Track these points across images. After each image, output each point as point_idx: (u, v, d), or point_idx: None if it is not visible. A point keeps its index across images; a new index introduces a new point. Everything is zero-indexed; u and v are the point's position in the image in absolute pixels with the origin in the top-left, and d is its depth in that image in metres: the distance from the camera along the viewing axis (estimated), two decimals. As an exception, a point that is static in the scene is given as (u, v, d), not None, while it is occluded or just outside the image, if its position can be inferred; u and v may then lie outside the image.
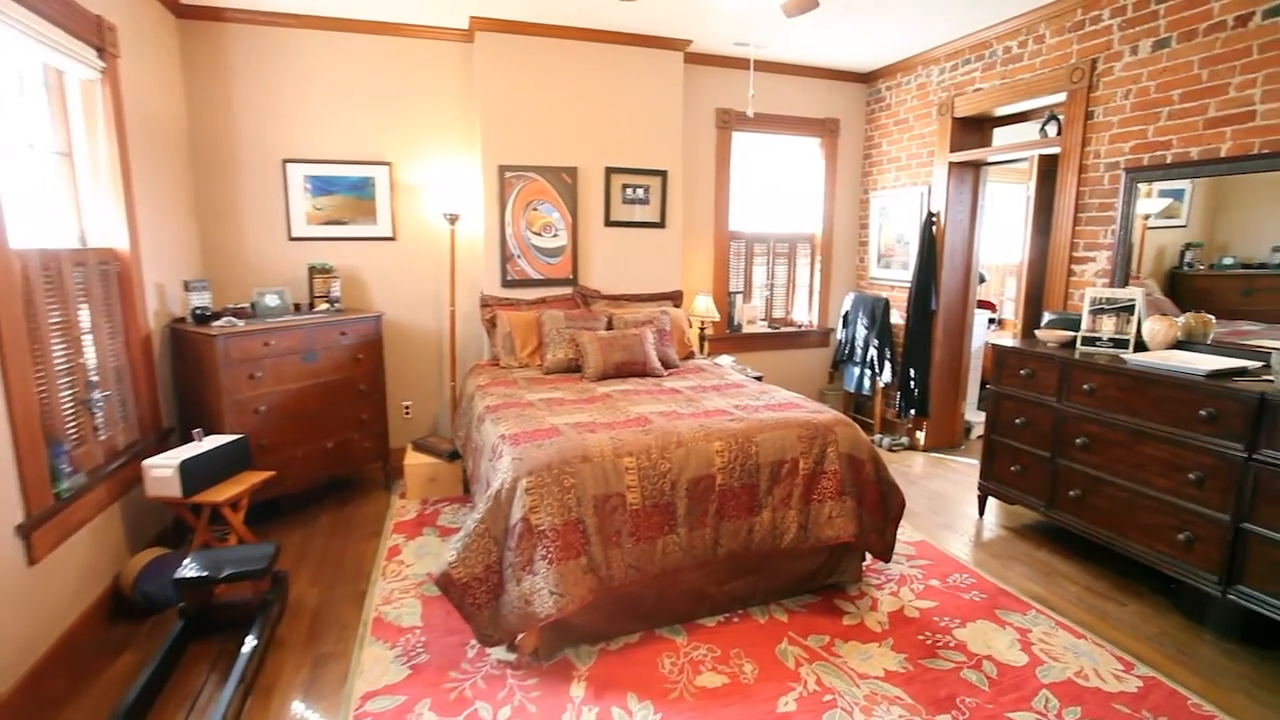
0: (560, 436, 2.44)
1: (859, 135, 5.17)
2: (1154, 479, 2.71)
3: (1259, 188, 2.81)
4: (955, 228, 4.45)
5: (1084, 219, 3.50)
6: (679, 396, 3.10)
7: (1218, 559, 2.51)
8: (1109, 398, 2.86)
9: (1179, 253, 3.15)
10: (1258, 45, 2.77)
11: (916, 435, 4.71)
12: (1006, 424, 3.35)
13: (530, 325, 3.93)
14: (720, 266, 4.93)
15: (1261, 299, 2.76)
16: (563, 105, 4.17)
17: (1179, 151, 3.05)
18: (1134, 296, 3.11)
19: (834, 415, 2.77)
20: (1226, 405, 2.46)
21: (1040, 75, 3.66)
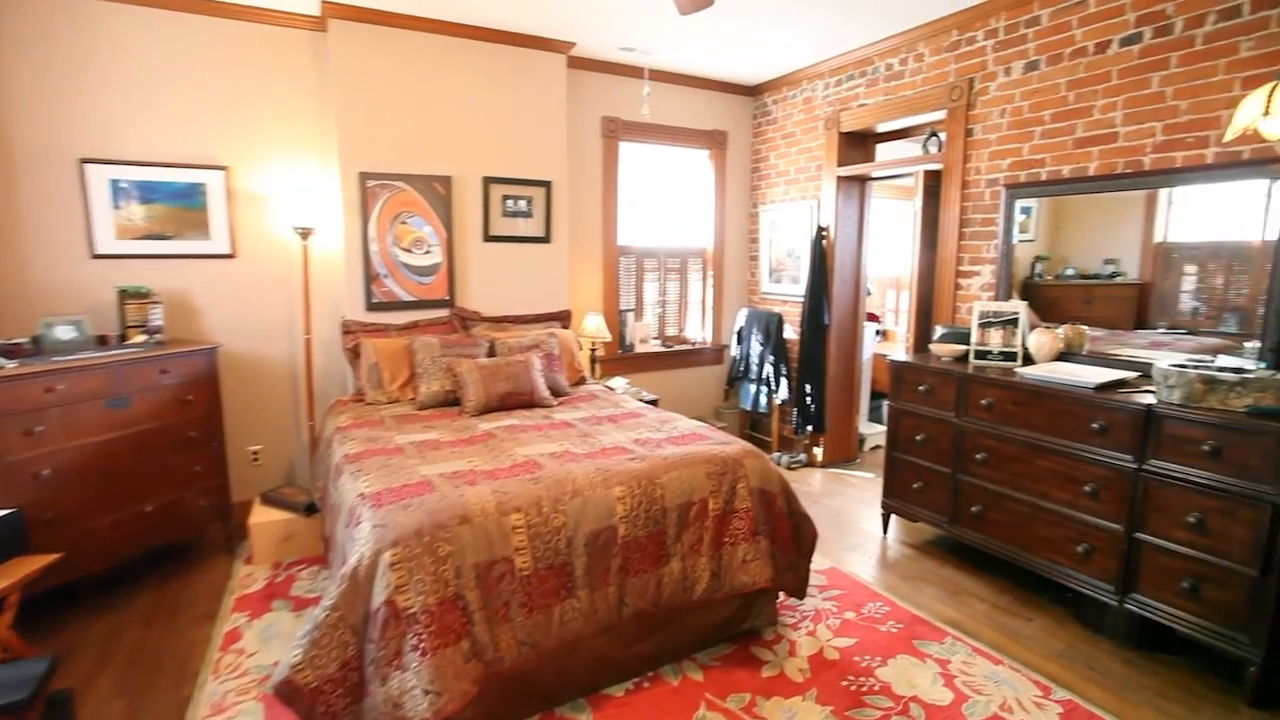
0: (433, 493, 2.05)
1: (747, 148, 5.11)
2: (1052, 492, 2.72)
3: (1091, 206, 2.99)
4: (844, 242, 4.46)
5: (968, 234, 3.56)
6: (572, 432, 2.78)
7: (1114, 569, 2.53)
8: (1006, 412, 2.86)
9: (1030, 264, 3.27)
10: (1116, 71, 2.89)
11: (814, 451, 4.66)
12: (907, 440, 3.31)
13: (400, 354, 3.47)
14: (610, 283, 4.67)
15: (1099, 306, 2.95)
16: (434, 108, 3.76)
17: (1052, 169, 3.14)
18: (1018, 310, 3.16)
19: (741, 446, 2.56)
20: (1117, 417, 2.49)
21: (922, 92, 3.71)
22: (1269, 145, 2.47)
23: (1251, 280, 2.56)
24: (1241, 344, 2.60)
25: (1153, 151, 2.79)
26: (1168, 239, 2.80)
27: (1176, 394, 2.36)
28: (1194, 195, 2.72)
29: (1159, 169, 2.77)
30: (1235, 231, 2.59)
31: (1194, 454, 2.30)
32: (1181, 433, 2.33)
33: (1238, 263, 2.60)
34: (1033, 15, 3.16)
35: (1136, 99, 2.82)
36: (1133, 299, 2.89)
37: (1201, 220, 2.70)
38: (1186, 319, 2.72)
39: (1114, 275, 2.95)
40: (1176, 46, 2.70)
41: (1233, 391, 2.26)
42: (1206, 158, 2.65)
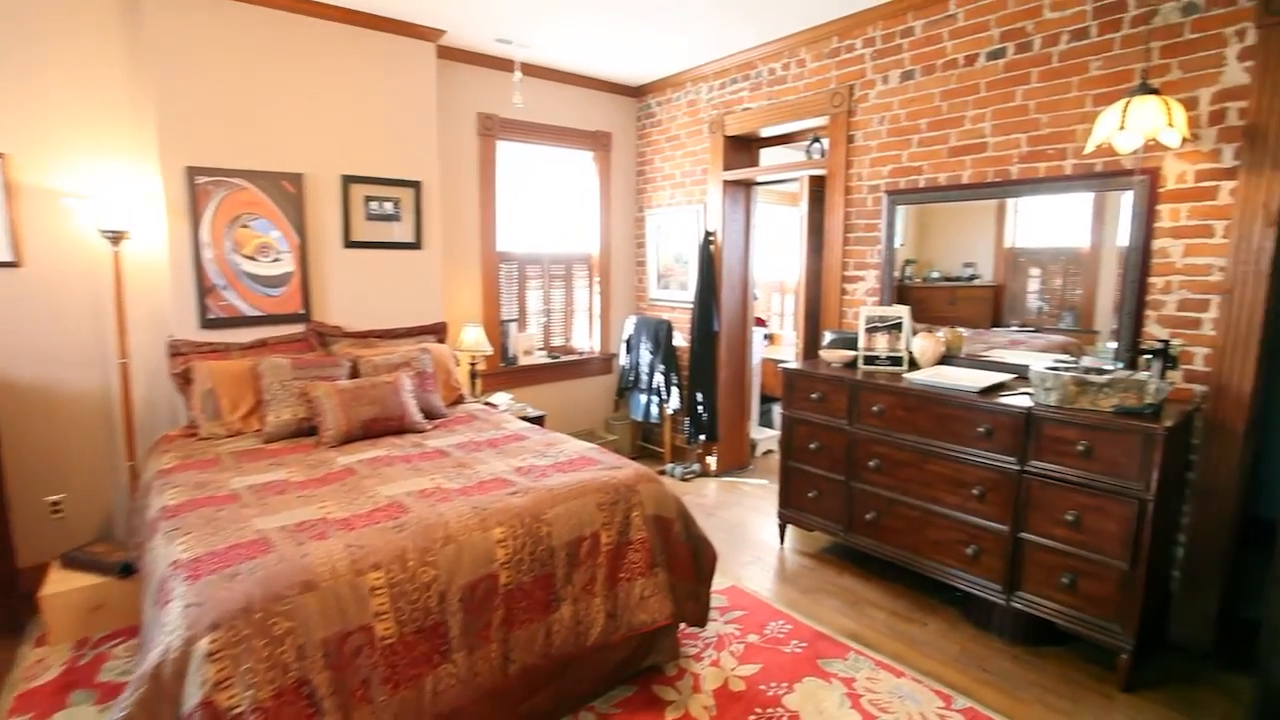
0: (270, 554, 1.69)
1: (632, 150, 4.97)
2: (943, 496, 2.74)
3: (952, 213, 3.15)
4: (732, 247, 4.41)
5: (853, 239, 3.59)
6: (446, 462, 2.47)
7: (1001, 569, 2.58)
8: (897, 418, 2.86)
9: (901, 268, 3.37)
10: (985, 83, 2.98)
11: (708, 461, 4.58)
12: (801, 449, 3.27)
13: (243, 378, 2.99)
14: (490, 292, 4.36)
15: (962, 307, 3.12)
16: (282, 95, 3.29)
17: (930, 177, 3.21)
18: (901, 314, 3.20)
19: (635, 470, 2.37)
20: (1000, 420, 2.54)
21: (804, 98, 3.71)
22: (1118, 159, 2.62)
23: (1084, 282, 2.80)
24: (1082, 341, 2.82)
25: (1019, 162, 2.90)
26: (1016, 244, 2.98)
27: (1053, 396, 2.42)
28: (1036, 204, 2.91)
29: (1025, 179, 2.88)
30: (1069, 238, 2.82)
31: (1070, 454, 2.37)
32: (1058, 434, 2.39)
33: (1072, 266, 2.82)
34: (907, 26, 3.22)
35: (1003, 111, 2.92)
36: (989, 299, 3.06)
37: (1042, 227, 2.91)
38: (1034, 317, 2.93)
39: (973, 278, 3.12)
40: (1036, 63, 2.82)
41: (1101, 392, 2.35)
42: (1065, 169, 2.77)
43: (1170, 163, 2.52)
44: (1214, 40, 2.40)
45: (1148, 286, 2.62)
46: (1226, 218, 2.42)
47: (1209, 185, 2.46)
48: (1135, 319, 2.65)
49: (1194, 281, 2.52)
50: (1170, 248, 2.56)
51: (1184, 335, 2.56)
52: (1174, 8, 2.47)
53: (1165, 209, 2.55)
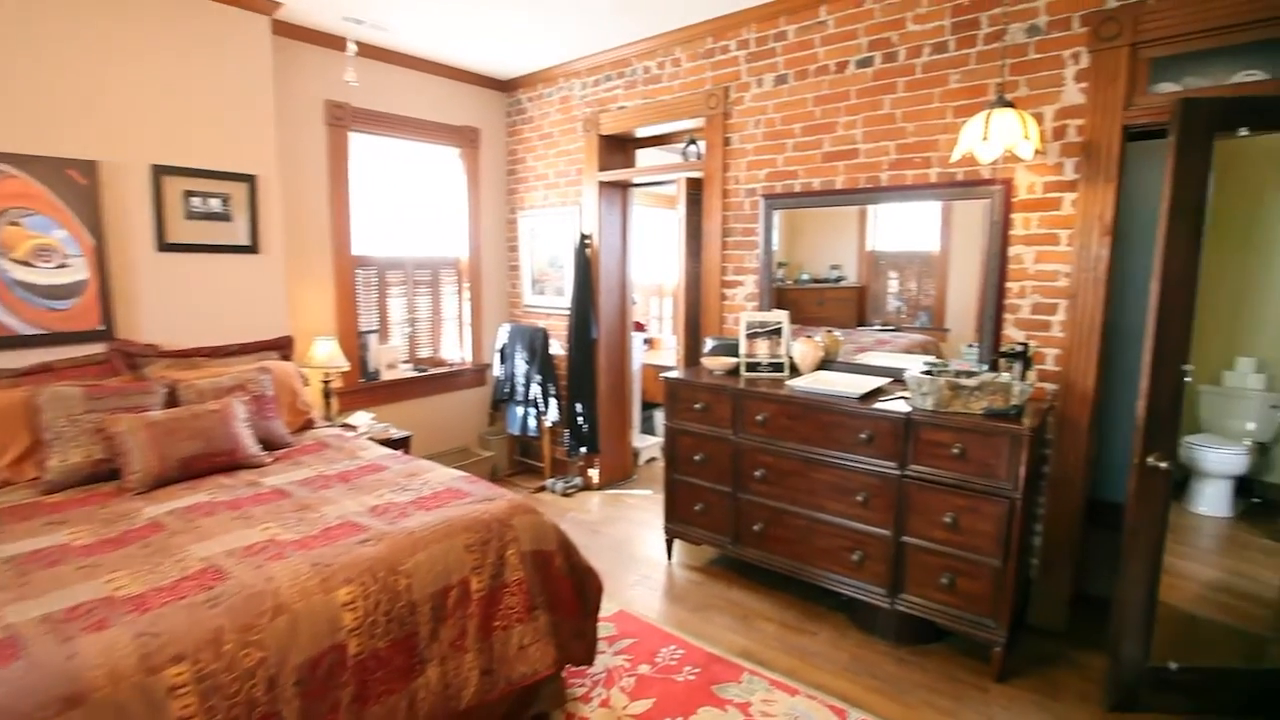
0: (17, 662, 1.28)
1: (502, 148, 4.67)
2: (828, 504, 2.72)
3: (820, 217, 3.24)
4: (609, 250, 4.25)
5: (731, 243, 3.54)
6: (285, 505, 2.09)
7: (885, 573, 2.60)
8: (781, 427, 2.82)
9: (774, 270, 3.39)
10: (855, 90, 3.02)
11: (590, 474, 4.39)
12: (686, 461, 3.16)
13: (12, 413, 2.41)
14: (345, 301, 3.91)
15: (830, 308, 3.24)
16: (68, 64, 2.71)
17: (805, 181, 3.21)
18: (780, 319, 3.18)
19: (509, 501, 2.12)
20: (881, 426, 2.55)
21: (680, 98, 3.62)
22: (977, 169, 2.72)
23: (935, 284, 2.96)
24: (936, 338, 2.98)
25: (889, 169, 2.95)
26: (876, 248, 3.11)
27: (929, 401, 2.46)
28: (893, 210, 3.05)
29: (895, 185, 2.94)
30: (922, 243, 2.97)
31: (946, 457, 2.41)
32: (935, 437, 2.43)
33: (924, 269, 2.97)
34: (780, 30, 3.20)
35: (873, 119, 2.97)
36: (854, 300, 3.18)
37: (898, 232, 3.06)
38: (893, 317, 3.09)
39: (839, 280, 3.23)
40: (902, 73, 2.88)
41: (972, 396, 2.41)
42: (931, 177, 2.85)
43: (1021, 174, 2.65)
44: (1054, 61, 2.54)
45: (1005, 291, 2.75)
46: (1070, 227, 2.58)
47: (1054, 196, 2.60)
48: (996, 322, 2.77)
49: (1044, 286, 2.66)
50: (1024, 254, 2.69)
51: (1037, 337, 2.70)
52: (1020, 28, 2.60)
53: (1018, 218, 2.68)
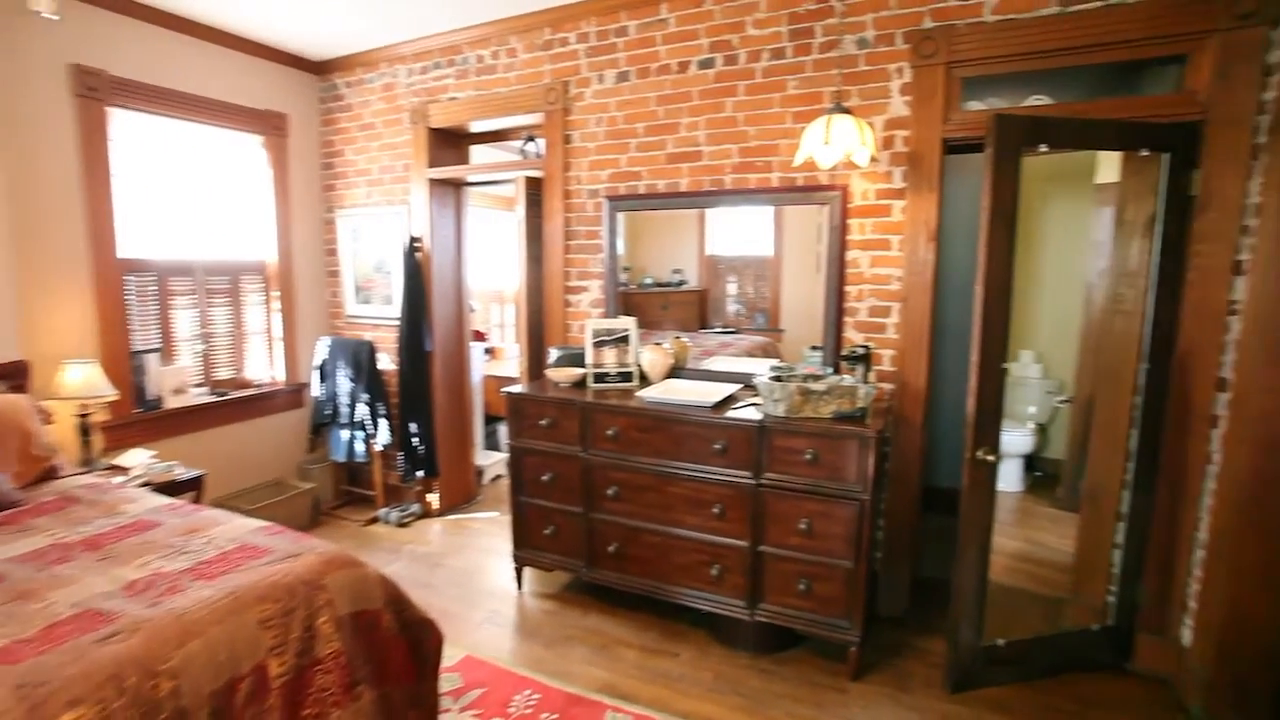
0: None
1: (316, 138, 4.12)
2: (684, 518, 2.61)
3: (662, 221, 3.20)
4: (442, 254, 3.88)
5: (574, 247, 3.34)
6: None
7: (744, 585, 2.54)
8: (633, 440, 2.67)
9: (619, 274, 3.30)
10: (697, 91, 2.96)
11: (429, 499, 3.99)
12: (533, 482, 2.91)
13: None
14: (111, 314, 3.19)
15: (675, 311, 3.24)
16: None
17: (650, 183, 3.10)
18: (628, 327, 3.05)
19: (319, 556, 1.75)
20: (734, 435, 2.48)
21: (517, 91, 3.37)
22: (816, 175, 2.77)
23: (770, 287, 3.06)
24: (773, 339, 3.08)
25: (732, 172, 2.92)
26: (715, 253, 3.15)
27: (781, 407, 2.43)
28: (730, 215, 3.10)
29: (739, 189, 2.92)
30: (756, 248, 3.05)
31: (799, 463, 2.39)
32: (788, 444, 2.40)
33: (760, 273, 3.07)
34: (621, 25, 3.07)
35: (715, 121, 2.93)
36: (696, 303, 3.21)
37: (733, 237, 3.11)
38: (733, 319, 3.15)
39: (681, 283, 3.23)
40: (742, 76, 2.86)
41: (822, 400, 2.41)
42: (773, 181, 2.86)
43: (857, 181, 2.72)
44: (881, 74, 2.64)
45: (845, 295, 2.81)
46: (900, 233, 2.69)
47: (885, 203, 2.70)
48: (837, 325, 2.83)
49: (880, 290, 2.76)
50: (860, 259, 2.77)
51: (875, 339, 2.79)
52: (852, 40, 2.67)
53: (854, 223, 2.75)
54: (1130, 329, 2.54)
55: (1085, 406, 4.15)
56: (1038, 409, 4.53)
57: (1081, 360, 4.13)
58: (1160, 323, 2.38)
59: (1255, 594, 2.19)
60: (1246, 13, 2.17)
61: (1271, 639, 2.19)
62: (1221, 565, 2.25)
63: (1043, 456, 4.57)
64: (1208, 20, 2.21)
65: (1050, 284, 3.60)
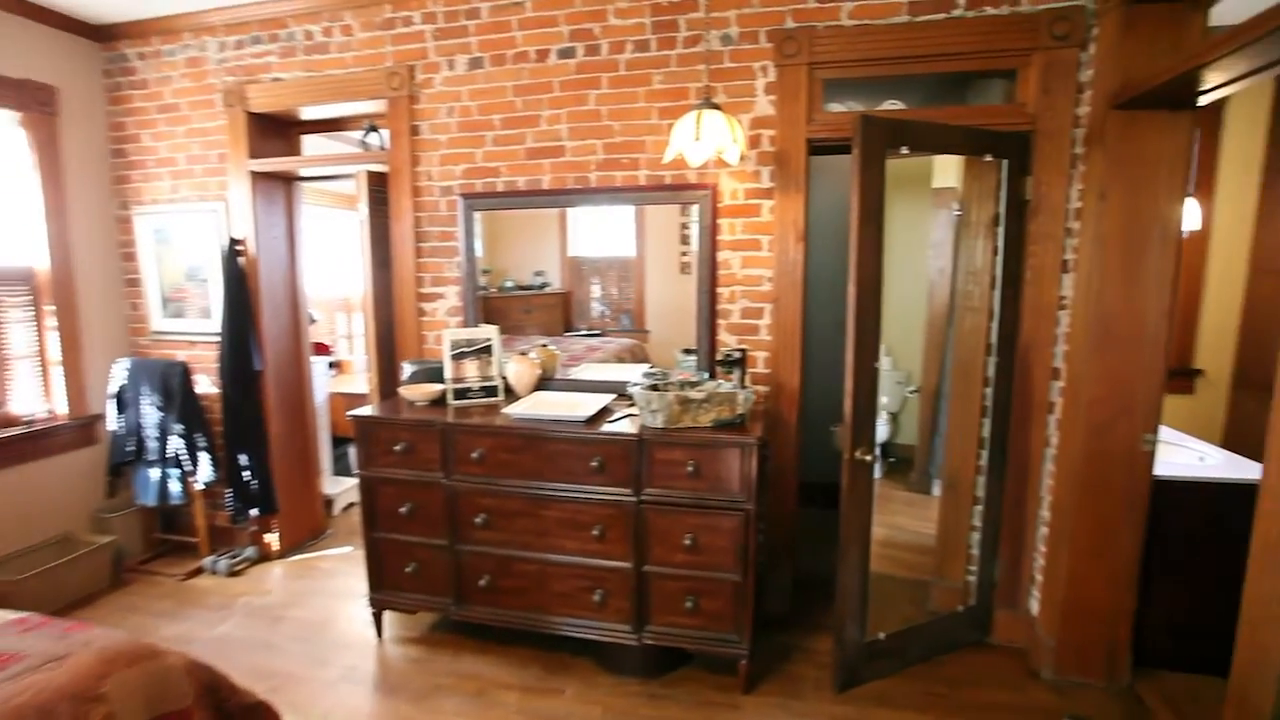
0: None
1: (101, 120, 3.44)
2: (561, 543, 2.42)
3: (522, 221, 3.05)
4: (272, 259, 3.39)
5: (427, 250, 3.03)
6: None
7: (629, 608, 2.39)
8: (501, 462, 2.43)
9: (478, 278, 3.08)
10: (558, 82, 2.77)
11: (267, 540, 3.47)
12: (389, 515, 2.58)
13: None
14: None
15: (538, 315, 3.11)
16: None
17: (509, 180, 2.87)
18: (490, 336, 2.81)
19: (97, 650, 1.36)
20: (612, 451, 2.32)
21: (354, 74, 2.98)
22: (684, 174, 2.68)
23: (634, 288, 3.00)
24: (639, 340, 3.01)
25: (597, 169, 2.77)
26: (577, 254, 3.04)
27: (659, 418, 2.30)
28: (589, 216, 2.99)
29: (604, 186, 2.77)
30: (618, 248, 2.97)
31: (681, 475, 2.28)
32: (668, 456, 2.28)
33: (623, 274, 3.00)
34: (473, 7, 2.81)
35: (578, 114, 2.75)
36: (560, 306, 3.13)
37: (596, 238, 3.02)
38: (598, 322, 3.07)
39: (544, 285, 3.10)
40: (605, 68, 2.71)
41: (701, 408, 2.31)
42: (640, 179, 2.74)
43: (726, 180, 2.66)
44: (747, 72, 2.60)
45: (717, 296, 2.75)
46: (770, 233, 2.67)
47: (755, 203, 2.67)
48: (710, 328, 2.76)
49: (752, 291, 2.72)
50: (731, 260, 2.72)
51: (748, 341, 2.75)
52: (716, 35, 2.60)
53: (725, 223, 2.70)
54: (979, 324, 2.69)
55: (932, 396, 4.47)
56: (890, 399, 4.80)
57: (927, 353, 4.44)
58: (1005, 319, 2.53)
59: (1089, 563, 2.38)
60: (1063, 34, 2.35)
61: (1104, 603, 2.40)
62: (1061, 540, 2.42)
63: (896, 443, 4.86)
64: (1032, 39, 2.37)
65: (895, 282, 3.79)
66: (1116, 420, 2.30)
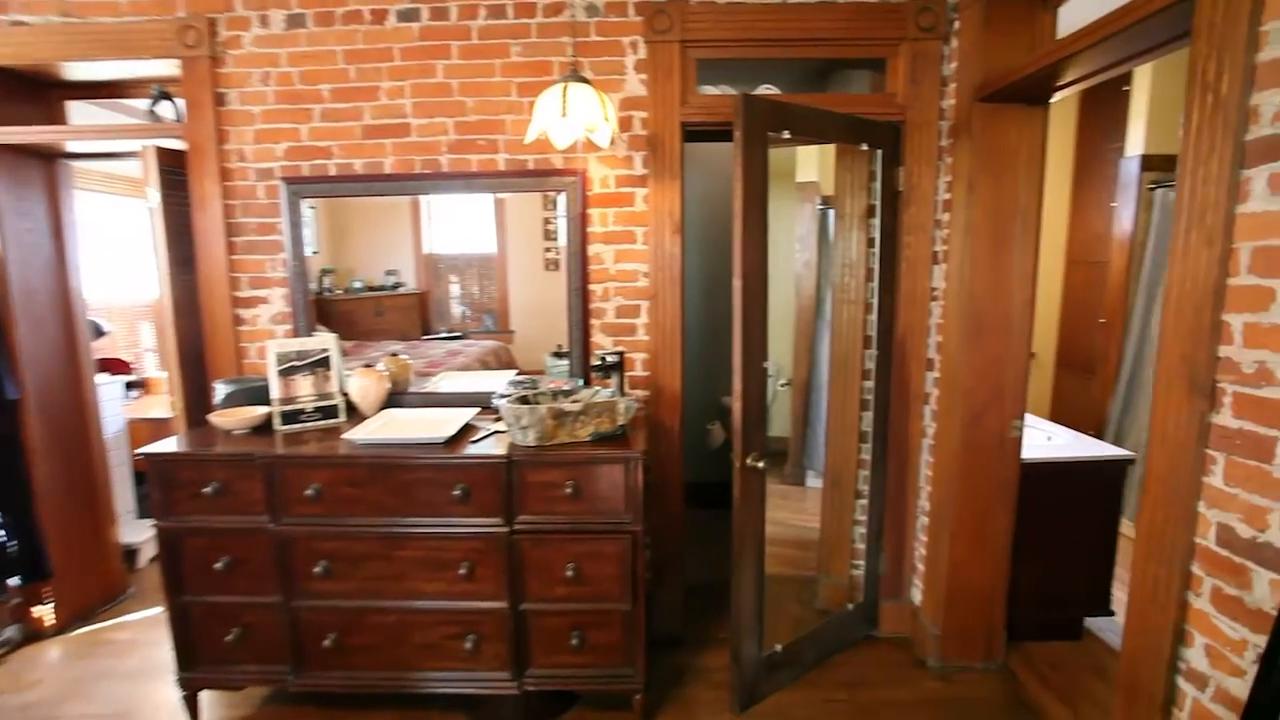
0: None
1: None
2: (423, 586, 2.06)
3: (369, 216, 2.73)
4: (30, 257, 2.68)
5: (242, 245, 2.52)
6: None
7: (506, 653, 2.09)
8: (344, 498, 2.03)
9: (318, 278, 2.67)
10: (399, 50, 2.39)
11: (37, 614, 2.75)
12: (201, 573, 2.08)
13: None
14: None
15: (391, 318, 2.82)
16: None
17: (343, 162, 2.44)
18: (327, 346, 2.38)
19: None
20: (478, 476, 2.00)
21: (133, 25, 2.39)
22: (550, 159, 2.41)
23: (497, 286, 2.78)
24: (504, 340, 2.77)
25: (449, 151, 2.42)
26: (434, 251, 2.77)
27: (531, 434, 2.02)
28: (447, 209, 2.71)
29: (458, 172, 2.43)
30: (478, 244, 2.74)
31: (559, 499, 2.01)
32: (543, 478, 2.01)
33: (484, 271, 2.79)
34: (284, -51, 2.34)
35: (425, 88, 2.39)
36: (416, 308, 2.87)
37: (453, 232, 2.75)
38: (459, 323, 2.84)
39: (397, 286, 2.80)
40: (455, 35, 2.37)
41: (578, 421, 2.06)
42: (499, 164, 2.43)
43: (595, 166, 2.42)
44: (615, 47, 2.38)
45: (589, 294, 2.51)
46: (645, 224, 2.46)
47: (627, 191, 2.45)
48: (583, 329, 2.51)
49: (627, 288, 2.51)
50: (604, 254, 2.49)
51: (625, 342, 2.53)
52: (580, 5, 2.35)
53: (596, 213, 2.46)
54: (855, 316, 2.66)
55: (804, 388, 4.52)
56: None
57: (797, 345, 4.48)
58: (884, 311, 2.50)
59: (968, 550, 2.40)
60: (928, 26, 2.34)
61: (982, 586, 2.44)
62: (942, 528, 2.44)
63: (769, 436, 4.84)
64: (899, 28, 2.35)
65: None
66: (989, 408, 2.34)
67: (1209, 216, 1.33)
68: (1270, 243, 1.23)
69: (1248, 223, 1.27)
